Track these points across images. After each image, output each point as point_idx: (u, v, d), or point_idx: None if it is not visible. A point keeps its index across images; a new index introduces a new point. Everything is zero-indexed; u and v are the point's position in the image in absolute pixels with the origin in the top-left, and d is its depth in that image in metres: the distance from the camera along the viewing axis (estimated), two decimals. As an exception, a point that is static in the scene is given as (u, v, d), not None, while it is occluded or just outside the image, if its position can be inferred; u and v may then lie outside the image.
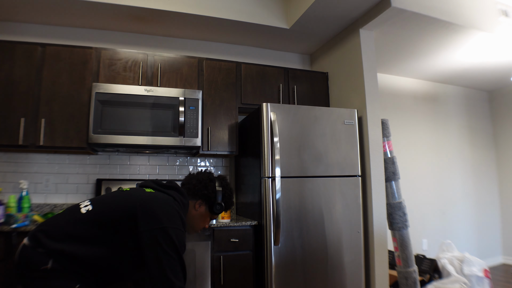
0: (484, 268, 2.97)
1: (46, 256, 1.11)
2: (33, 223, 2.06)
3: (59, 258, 1.12)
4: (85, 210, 1.22)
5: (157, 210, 1.20)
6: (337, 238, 2.34)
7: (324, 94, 3.10)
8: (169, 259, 1.15)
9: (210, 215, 1.47)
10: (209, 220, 1.49)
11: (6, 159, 2.52)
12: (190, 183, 1.44)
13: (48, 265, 1.10)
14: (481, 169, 4.48)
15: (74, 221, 1.18)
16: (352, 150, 2.48)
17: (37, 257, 1.11)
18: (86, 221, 1.18)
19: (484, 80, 4.24)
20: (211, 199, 1.42)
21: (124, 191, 1.32)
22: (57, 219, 1.21)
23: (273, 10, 2.88)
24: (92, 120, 2.29)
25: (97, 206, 1.23)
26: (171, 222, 1.20)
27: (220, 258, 2.18)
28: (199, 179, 1.44)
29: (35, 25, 2.74)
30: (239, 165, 2.89)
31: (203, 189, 1.41)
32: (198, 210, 1.42)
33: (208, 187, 1.42)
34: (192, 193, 1.42)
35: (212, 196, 1.42)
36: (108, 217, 1.20)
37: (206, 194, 1.41)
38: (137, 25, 2.82)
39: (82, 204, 1.26)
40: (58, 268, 1.11)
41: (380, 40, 3.04)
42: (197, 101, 2.52)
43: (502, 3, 2.97)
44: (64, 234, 1.16)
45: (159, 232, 1.16)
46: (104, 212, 1.21)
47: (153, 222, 1.18)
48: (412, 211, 3.46)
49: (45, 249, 1.12)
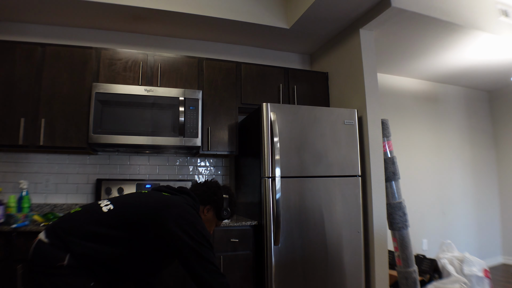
0: (484, 268, 2.97)
1: (64, 252, 1.12)
2: (33, 223, 2.06)
3: (76, 255, 1.12)
4: (107, 209, 1.24)
5: (181, 210, 1.27)
6: (337, 238, 2.34)
7: (324, 94, 3.10)
8: (204, 249, 1.23)
9: (216, 221, 1.54)
10: (214, 226, 1.56)
11: (6, 159, 2.52)
12: (199, 190, 1.51)
13: (64, 262, 1.11)
14: (481, 169, 4.48)
15: (96, 219, 1.21)
16: (352, 150, 2.48)
17: (54, 253, 1.12)
18: (108, 219, 1.21)
19: (484, 80, 4.24)
20: (219, 205, 1.51)
21: (144, 193, 1.38)
22: (78, 216, 1.23)
23: (273, 10, 2.88)
24: (92, 120, 2.29)
25: (118, 206, 1.26)
26: (196, 218, 1.29)
27: (220, 258, 2.18)
28: (208, 186, 1.53)
29: (35, 25, 2.74)
30: (239, 165, 2.89)
31: (213, 195, 1.50)
32: (206, 215, 1.50)
33: (217, 193, 1.51)
34: (201, 199, 1.49)
35: (220, 203, 1.50)
36: (130, 217, 1.23)
37: (215, 200, 1.50)
38: (137, 25, 2.82)
39: (102, 203, 1.29)
40: (74, 265, 1.12)
41: (380, 40, 3.04)
42: (197, 101, 2.52)
43: (502, 3, 2.97)
44: (85, 231, 1.17)
45: (189, 227, 1.23)
46: (126, 212, 1.25)
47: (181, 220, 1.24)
48: (412, 211, 3.46)
49: (64, 245, 1.13)
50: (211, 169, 3.00)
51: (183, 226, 1.23)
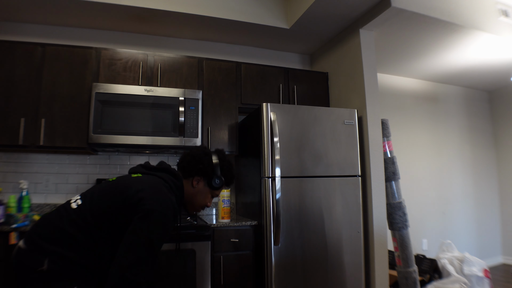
0: (484, 268, 2.97)
1: (41, 257, 1.09)
2: (33, 223, 2.05)
3: (54, 259, 1.10)
4: (76, 205, 1.18)
5: (142, 194, 1.14)
6: (337, 238, 2.34)
7: (324, 94, 3.10)
8: (138, 246, 1.08)
9: (210, 191, 1.39)
10: (211, 197, 1.41)
11: (6, 159, 2.52)
12: (184, 161, 1.37)
13: (44, 266, 1.08)
14: (481, 169, 4.48)
15: (66, 218, 1.15)
16: (352, 150, 2.48)
17: (32, 259, 1.10)
18: (78, 216, 1.15)
19: (484, 80, 4.24)
20: (208, 173, 1.34)
21: (110, 181, 1.26)
22: (50, 218, 1.18)
23: (273, 10, 2.88)
24: (92, 120, 2.29)
25: (86, 200, 1.20)
26: (158, 204, 1.13)
27: (220, 258, 2.18)
28: (193, 155, 1.37)
29: (35, 25, 2.74)
30: (239, 165, 2.89)
31: (198, 164, 1.34)
32: (196, 187, 1.35)
33: (203, 161, 1.34)
34: (187, 171, 1.35)
35: (209, 170, 1.34)
36: (98, 209, 1.16)
37: (201, 168, 1.33)
38: (137, 25, 2.82)
39: (73, 199, 1.23)
40: (54, 269, 1.09)
41: (380, 40, 3.04)
42: (197, 101, 2.52)
43: (502, 3, 2.97)
44: (57, 233, 1.13)
45: (142, 214, 1.11)
46: (94, 205, 1.17)
47: (139, 207, 1.12)
48: (412, 211, 3.46)
49: (40, 250, 1.10)
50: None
51: (139, 212, 1.11)
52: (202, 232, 2.17)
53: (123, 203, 1.15)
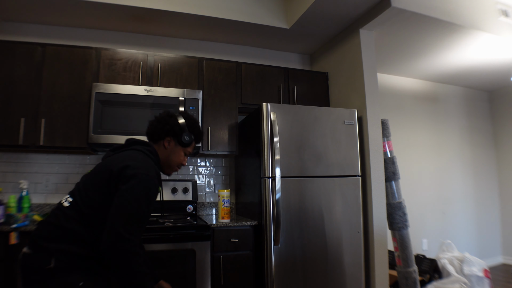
0: (484, 268, 2.97)
1: (47, 257, 1.13)
2: (33, 223, 2.06)
3: (60, 256, 1.13)
4: (68, 203, 1.23)
5: (123, 164, 1.22)
6: (337, 238, 2.34)
7: (324, 94, 3.10)
8: (127, 205, 1.15)
9: (182, 149, 1.46)
10: (184, 155, 1.48)
11: (6, 159, 2.52)
12: (152, 126, 1.45)
13: (51, 264, 1.11)
14: (481, 169, 4.48)
15: (62, 216, 1.20)
16: (352, 150, 2.48)
17: (39, 260, 1.13)
18: (72, 211, 1.20)
19: (484, 80, 4.24)
20: (176, 132, 1.42)
21: (90, 172, 1.32)
22: (47, 220, 1.23)
23: (273, 10, 2.88)
24: (92, 120, 2.29)
25: (75, 195, 1.25)
26: (140, 168, 1.22)
27: (220, 258, 2.18)
28: (158, 120, 1.45)
29: (35, 25, 2.74)
30: (239, 165, 2.89)
31: (165, 125, 1.41)
32: (168, 148, 1.43)
33: (169, 121, 1.42)
34: (157, 134, 1.42)
35: (177, 129, 1.42)
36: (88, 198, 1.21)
37: (169, 128, 1.41)
38: (137, 25, 2.82)
39: (63, 199, 1.28)
40: (62, 266, 1.13)
41: (380, 40, 3.04)
42: (197, 101, 2.52)
43: (502, 3, 2.97)
44: (57, 232, 1.17)
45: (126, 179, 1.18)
46: (83, 196, 1.22)
47: (122, 176, 1.19)
48: (412, 211, 3.46)
49: (45, 251, 1.13)
50: (211, 169, 3.00)
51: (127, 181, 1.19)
52: (202, 232, 2.17)
53: (109, 181, 1.21)
